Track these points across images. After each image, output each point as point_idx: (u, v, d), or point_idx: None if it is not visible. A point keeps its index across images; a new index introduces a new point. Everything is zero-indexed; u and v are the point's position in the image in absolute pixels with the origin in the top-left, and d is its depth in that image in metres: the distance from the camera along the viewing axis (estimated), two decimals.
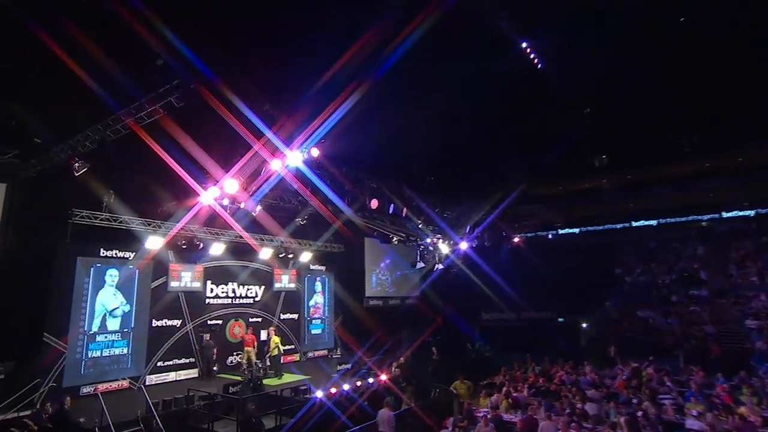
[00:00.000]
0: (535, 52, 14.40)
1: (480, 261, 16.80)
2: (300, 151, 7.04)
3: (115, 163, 9.82)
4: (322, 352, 18.52)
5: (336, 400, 10.75)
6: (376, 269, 21.04)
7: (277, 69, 7.04)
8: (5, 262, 10.63)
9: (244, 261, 16.17)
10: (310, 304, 18.83)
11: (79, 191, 11.56)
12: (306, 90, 7.06)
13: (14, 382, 10.46)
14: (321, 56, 7.35)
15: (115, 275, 12.53)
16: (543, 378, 13.58)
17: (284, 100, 6.87)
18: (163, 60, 7.57)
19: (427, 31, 8.82)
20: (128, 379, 12.39)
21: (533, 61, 14.34)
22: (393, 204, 10.06)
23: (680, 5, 10.93)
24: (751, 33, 11.31)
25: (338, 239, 19.86)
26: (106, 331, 12.17)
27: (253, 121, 6.66)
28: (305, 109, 7.04)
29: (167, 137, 7.97)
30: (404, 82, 10.00)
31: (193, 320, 14.23)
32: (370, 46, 8.02)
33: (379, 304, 21.15)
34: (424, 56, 10.14)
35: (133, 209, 12.53)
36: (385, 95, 9.14)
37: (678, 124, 16.66)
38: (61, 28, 7.57)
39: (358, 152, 9.14)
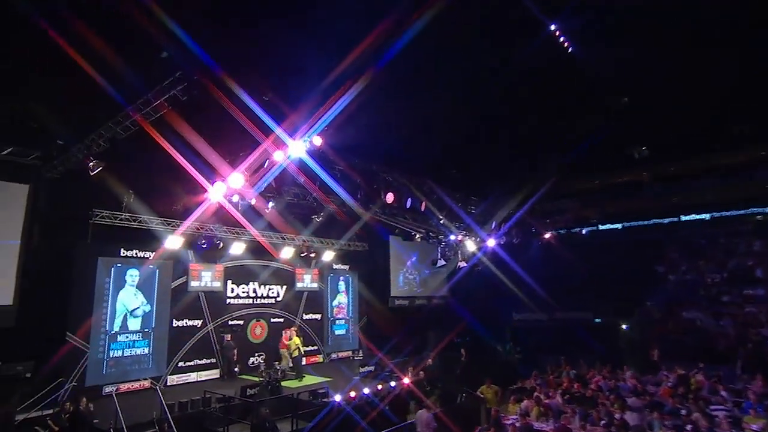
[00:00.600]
0: (564, 35, 13.58)
1: (508, 259, 16.05)
2: (303, 140, 6.68)
3: (129, 162, 9.77)
4: (346, 354, 18.23)
5: (356, 404, 10.36)
6: (402, 268, 20.58)
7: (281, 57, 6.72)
8: (29, 262, 10.80)
9: (265, 260, 16.05)
10: (334, 304, 18.58)
11: (99, 191, 11.68)
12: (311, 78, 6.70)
13: (38, 381, 10.62)
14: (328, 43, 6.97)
15: (135, 275, 12.61)
16: (578, 383, 12.75)
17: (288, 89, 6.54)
18: (167, 53, 7.39)
19: (448, 13, 8.30)
20: (149, 379, 12.45)
21: (563, 45, 13.53)
22: (411, 198, 9.55)
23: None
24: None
25: (362, 238, 19.56)
26: (127, 331, 12.26)
27: (256, 112, 6.36)
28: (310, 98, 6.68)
29: (175, 133, 7.80)
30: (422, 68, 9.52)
31: (214, 320, 14.20)
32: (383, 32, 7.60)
33: (405, 304, 20.69)
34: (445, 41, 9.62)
35: (152, 208, 12.56)
36: (400, 83, 8.68)
37: (726, 111, 15.41)
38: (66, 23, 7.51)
39: (373, 144, 8.72)
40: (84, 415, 8.48)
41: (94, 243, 11.96)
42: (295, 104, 6.63)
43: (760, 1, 10.09)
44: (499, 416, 10.24)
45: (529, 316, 21.13)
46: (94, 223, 11.94)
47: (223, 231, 14.58)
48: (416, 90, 9.55)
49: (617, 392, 10.95)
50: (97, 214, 11.95)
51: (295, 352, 13.82)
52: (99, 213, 11.97)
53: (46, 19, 7.69)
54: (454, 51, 10.29)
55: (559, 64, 13.29)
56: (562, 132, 15.40)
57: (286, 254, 16.35)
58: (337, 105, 6.41)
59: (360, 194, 8.65)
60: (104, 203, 12.09)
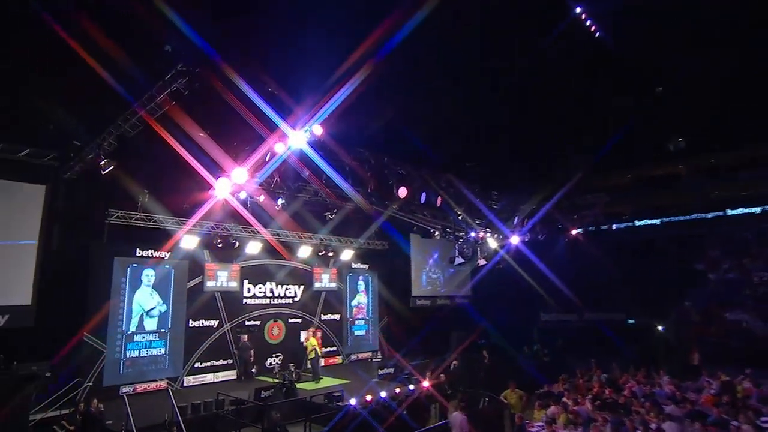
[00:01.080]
0: (591, 19, 12.87)
1: (533, 256, 15.39)
2: (303, 130, 6.36)
3: (139, 161, 9.72)
4: (365, 355, 17.94)
5: (372, 408, 10.01)
6: (425, 267, 20.14)
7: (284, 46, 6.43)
8: (47, 262, 10.92)
9: (282, 260, 15.91)
10: (353, 304, 18.31)
11: (114, 191, 11.77)
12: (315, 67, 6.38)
13: (56, 380, 10.72)
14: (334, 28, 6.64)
15: (151, 275, 12.63)
16: (610, 388, 12.04)
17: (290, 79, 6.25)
18: (171, 47, 7.22)
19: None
20: (166, 379, 12.45)
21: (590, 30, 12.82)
22: (426, 192, 9.09)
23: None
24: None
25: (381, 236, 19.24)
26: (144, 331, 12.28)
27: (257, 104, 6.10)
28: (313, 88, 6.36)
29: (180, 130, 7.64)
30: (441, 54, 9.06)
31: (231, 321, 14.12)
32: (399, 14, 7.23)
33: (427, 303, 20.25)
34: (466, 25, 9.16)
35: (164, 207, 12.54)
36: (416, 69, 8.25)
37: None
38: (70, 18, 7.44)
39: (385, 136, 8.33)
40: (94, 416, 8.45)
41: (110, 243, 12.03)
42: (297, 94, 6.33)
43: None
44: (523, 423, 9.72)
45: (557, 317, 20.34)
46: (110, 223, 12.02)
47: (239, 230, 14.51)
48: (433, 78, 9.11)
49: (653, 399, 10.23)
50: (113, 214, 12.02)
51: (312, 353, 13.59)
52: (114, 213, 12.04)
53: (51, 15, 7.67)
54: (476, 36, 9.79)
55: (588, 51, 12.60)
56: (591, 123, 14.65)
57: (303, 253, 16.18)
58: (341, 93, 6.07)
59: (370, 188, 8.25)
60: (120, 203, 12.17)
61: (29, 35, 8.21)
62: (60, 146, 10.84)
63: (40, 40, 8.21)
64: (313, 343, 13.71)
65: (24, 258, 10.45)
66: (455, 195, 10.31)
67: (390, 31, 7.37)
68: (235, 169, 7.14)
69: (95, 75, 8.00)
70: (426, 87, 8.49)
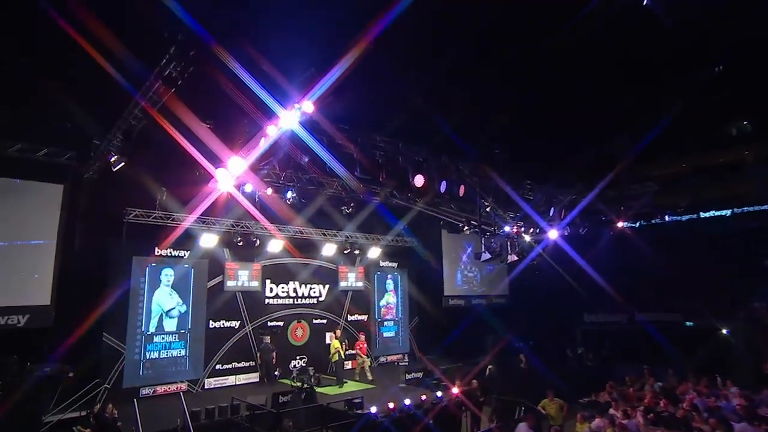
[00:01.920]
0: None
1: (574, 252, 14.24)
2: (295, 109, 5.78)
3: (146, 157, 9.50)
4: (395, 357, 17.31)
5: (395, 417, 9.37)
6: (458, 265, 19.28)
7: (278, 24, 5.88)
8: (65, 262, 10.97)
9: (305, 258, 15.54)
10: (381, 304, 17.74)
11: (132, 190, 11.73)
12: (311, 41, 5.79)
13: (75, 381, 10.75)
14: None
15: (170, 275, 12.54)
16: (665, 399, 10.81)
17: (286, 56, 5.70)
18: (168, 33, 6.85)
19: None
20: (186, 381, 12.32)
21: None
22: (446, 181, 8.28)
23: None
24: None
25: (411, 232, 18.54)
26: (163, 332, 12.20)
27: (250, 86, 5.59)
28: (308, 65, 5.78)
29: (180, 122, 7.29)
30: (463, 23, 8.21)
31: (252, 322, 13.87)
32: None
33: (461, 304, 19.38)
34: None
35: (183, 205, 12.36)
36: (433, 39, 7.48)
37: None
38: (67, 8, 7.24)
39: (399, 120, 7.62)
40: (108, 421, 8.27)
41: (129, 242, 11.98)
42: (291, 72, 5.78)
43: None
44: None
45: (604, 318, 18.92)
46: (128, 222, 11.97)
47: (259, 228, 14.23)
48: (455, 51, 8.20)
49: (719, 414, 9.01)
50: (131, 213, 11.98)
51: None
52: (132, 211, 11.99)
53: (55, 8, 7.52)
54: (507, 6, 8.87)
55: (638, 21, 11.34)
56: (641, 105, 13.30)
57: (327, 251, 15.76)
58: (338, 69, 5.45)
59: (382, 177, 7.54)
60: (138, 202, 12.12)
61: (38, 31, 8.13)
62: (78, 145, 10.83)
63: (47, 34, 8.11)
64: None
65: (43, 258, 10.51)
66: (482, 184, 9.45)
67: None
68: (231, 157, 6.69)
69: (100, 69, 7.82)
70: (447, 63, 7.64)
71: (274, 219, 14.55)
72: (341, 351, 13.15)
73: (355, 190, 9.02)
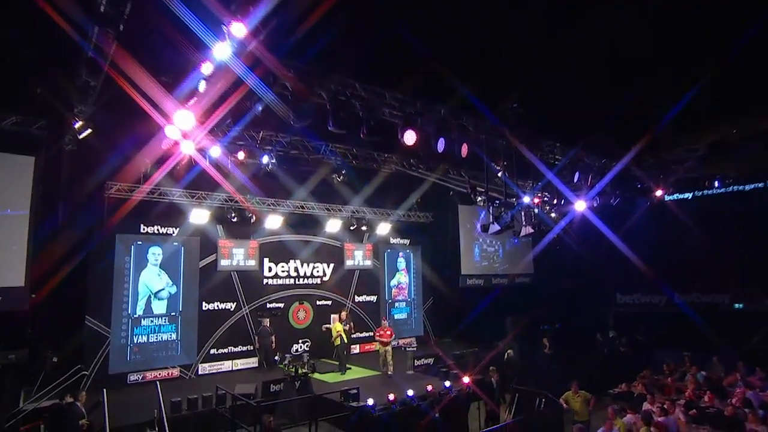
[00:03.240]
0: None
1: (604, 226, 12.92)
2: (226, 35, 4.65)
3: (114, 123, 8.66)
4: (407, 341, 16.47)
5: (395, 410, 8.51)
6: (477, 238, 18.12)
7: None
8: (41, 240, 10.40)
9: (307, 235, 14.71)
10: (392, 284, 16.86)
11: (113, 162, 11.04)
12: None
13: (57, 367, 10.32)
14: None
15: (158, 253, 11.90)
16: (710, 392, 9.62)
17: None
18: None
19: None
20: (179, 367, 11.80)
21: None
22: (444, 138, 7.05)
23: None
24: None
25: (425, 207, 17.46)
26: (152, 315, 11.64)
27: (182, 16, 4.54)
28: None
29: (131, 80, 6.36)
30: None
31: (250, 303, 13.21)
32: None
33: (480, 283, 18.31)
34: None
35: (171, 177, 11.59)
36: None
37: None
38: None
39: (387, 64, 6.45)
40: (64, 413, 7.70)
41: (111, 219, 11.33)
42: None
43: None
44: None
45: (639, 299, 17.57)
46: (110, 197, 11.32)
47: (255, 202, 13.42)
48: None
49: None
50: (112, 187, 11.30)
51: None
52: (113, 185, 11.31)
53: None
54: None
55: None
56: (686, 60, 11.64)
57: (332, 228, 14.87)
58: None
59: (363, 133, 6.38)
60: (122, 175, 11.41)
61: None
62: (49, 113, 10.09)
63: None
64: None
65: (15, 235, 9.93)
66: (493, 144, 8.20)
67: None
68: (177, 111, 5.69)
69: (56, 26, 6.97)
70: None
71: (270, 193, 13.77)
72: (344, 334, 12.36)
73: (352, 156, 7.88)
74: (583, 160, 10.24)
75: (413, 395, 8.97)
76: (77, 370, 10.18)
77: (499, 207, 8.29)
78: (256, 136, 7.20)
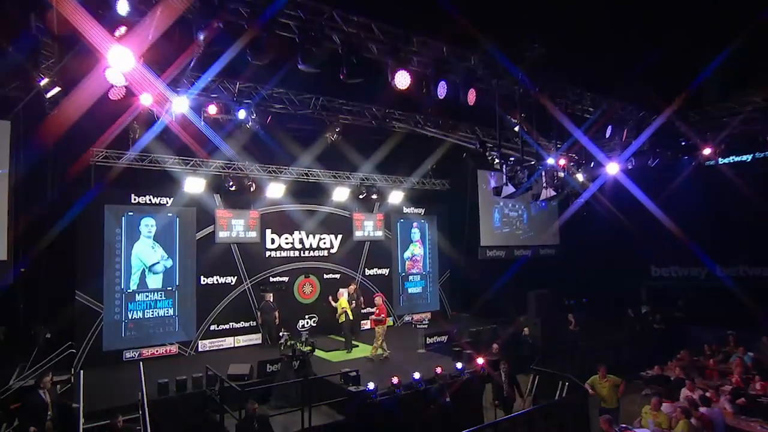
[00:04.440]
0: None
1: (640, 191, 11.66)
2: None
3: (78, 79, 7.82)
4: (422, 316, 15.75)
5: (399, 395, 7.79)
6: (498, 203, 17.08)
7: None
8: (23, 212, 9.89)
9: (313, 205, 13.92)
10: (406, 256, 16.04)
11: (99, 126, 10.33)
12: None
13: (48, 345, 10.00)
14: None
15: (151, 225, 11.32)
16: (761, 379, 8.57)
17: None
18: None
19: None
20: (177, 344, 11.38)
21: None
22: (444, 82, 5.92)
23: None
24: None
25: (441, 173, 16.38)
26: (147, 290, 11.15)
27: None
28: None
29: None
30: None
31: (251, 277, 12.61)
32: None
33: (501, 255, 17.34)
34: None
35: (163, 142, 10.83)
36: None
37: None
38: None
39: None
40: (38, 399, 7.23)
41: (99, 188, 10.74)
42: None
43: None
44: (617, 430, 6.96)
45: (676, 272, 16.31)
46: (96, 164, 10.69)
47: (255, 169, 12.64)
48: None
49: None
50: (98, 154, 10.65)
51: (342, 317, 11.65)
52: (99, 152, 10.66)
53: None
54: None
55: None
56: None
57: (339, 196, 14.02)
58: None
59: (342, 74, 5.28)
60: (110, 141, 10.70)
61: None
62: (16, 72, 9.36)
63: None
64: (342, 305, 11.72)
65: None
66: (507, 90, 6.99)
67: None
68: (112, 47, 4.77)
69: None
70: None
71: (271, 160, 12.95)
72: (349, 311, 11.66)
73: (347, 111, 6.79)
74: (618, 113, 8.93)
75: (420, 378, 8.21)
76: (67, 348, 9.83)
77: (514, 166, 7.16)
78: (232, 88, 6.30)
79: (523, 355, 10.89)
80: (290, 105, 7.92)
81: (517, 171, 7.08)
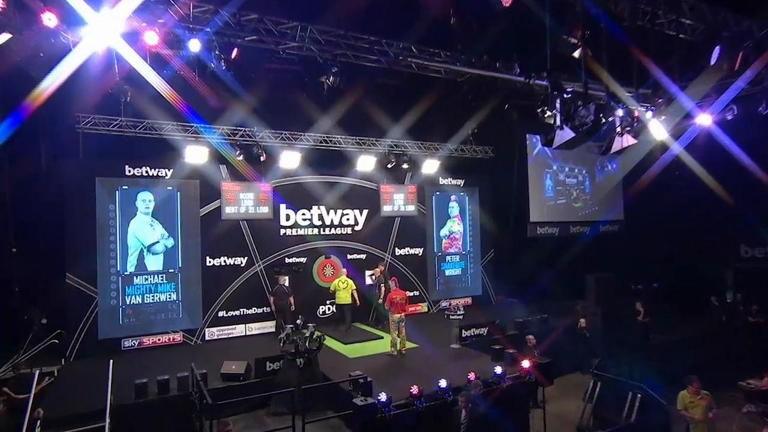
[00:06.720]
0: None
1: (740, 150, 9.30)
2: None
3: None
4: (456, 302, 14.04)
5: (419, 408, 6.26)
6: (552, 166, 15.08)
7: None
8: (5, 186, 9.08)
9: (333, 176, 12.44)
10: (442, 234, 14.36)
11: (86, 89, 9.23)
12: None
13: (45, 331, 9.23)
14: None
15: (149, 200, 10.27)
16: None
17: None
18: None
19: None
20: (182, 331, 10.41)
21: None
22: None
23: None
24: None
25: (484, 139, 14.38)
26: (146, 272, 10.18)
27: None
28: None
29: None
30: None
31: (264, 258, 11.40)
32: None
33: (554, 233, 15.35)
34: None
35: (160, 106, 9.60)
36: None
37: None
38: None
39: None
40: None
41: (88, 159, 9.74)
42: None
43: None
44: None
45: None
46: (84, 132, 9.66)
47: (267, 135, 11.30)
48: None
49: None
50: (85, 120, 9.60)
51: (342, 295, 10.54)
52: (86, 118, 9.60)
53: None
54: None
55: None
56: None
57: (364, 166, 12.47)
58: None
59: None
60: (99, 106, 9.62)
61: None
62: None
63: None
64: (342, 284, 10.51)
65: None
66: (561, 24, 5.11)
67: None
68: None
69: None
70: None
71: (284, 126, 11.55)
72: (356, 295, 10.37)
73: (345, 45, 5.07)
74: (730, 28, 6.60)
75: (447, 386, 6.63)
76: (56, 335, 9.01)
77: (574, 100, 5.10)
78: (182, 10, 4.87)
79: (578, 353, 9.05)
80: (268, 36, 6.31)
81: (579, 107, 5.05)
